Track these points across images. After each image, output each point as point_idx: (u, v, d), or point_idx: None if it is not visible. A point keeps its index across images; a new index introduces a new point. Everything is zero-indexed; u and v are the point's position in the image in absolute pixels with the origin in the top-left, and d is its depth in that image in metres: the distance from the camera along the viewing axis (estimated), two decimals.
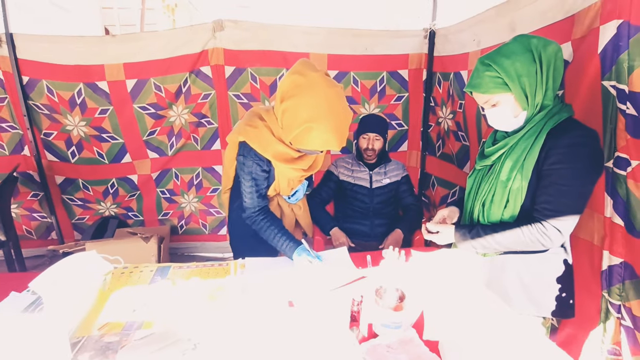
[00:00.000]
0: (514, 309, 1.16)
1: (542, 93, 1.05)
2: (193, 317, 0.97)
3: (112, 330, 0.92)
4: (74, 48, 2.17)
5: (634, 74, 1.10)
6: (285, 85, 1.24)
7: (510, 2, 1.60)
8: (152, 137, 2.47)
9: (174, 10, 8.36)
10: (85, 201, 2.61)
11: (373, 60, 2.39)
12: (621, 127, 1.16)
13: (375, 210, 1.96)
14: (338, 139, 1.22)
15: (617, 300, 1.26)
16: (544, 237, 1.05)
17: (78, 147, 2.42)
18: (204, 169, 2.63)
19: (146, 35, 2.34)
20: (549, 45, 1.04)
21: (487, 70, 1.06)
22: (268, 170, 1.39)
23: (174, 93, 2.35)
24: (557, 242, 1.06)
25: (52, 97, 2.25)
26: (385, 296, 0.90)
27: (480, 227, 1.16)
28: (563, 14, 1.36)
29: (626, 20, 1.09)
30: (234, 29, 2.24)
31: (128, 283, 1.15)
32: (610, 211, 1.24)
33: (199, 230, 2.83)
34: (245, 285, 1.13)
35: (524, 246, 1.10)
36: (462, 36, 2.02)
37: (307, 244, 1.33)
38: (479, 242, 1.14)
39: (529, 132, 1.09)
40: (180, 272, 1.22)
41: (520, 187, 1.09)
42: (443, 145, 2.39)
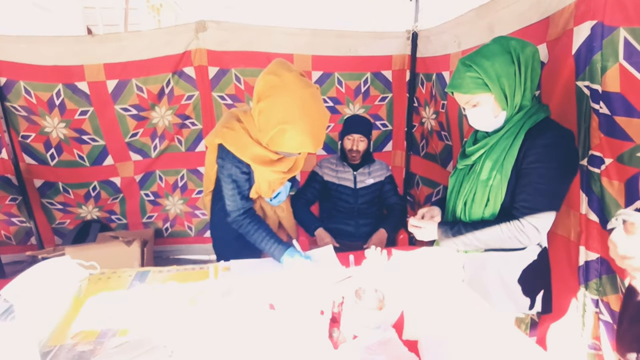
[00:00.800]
0: (494, 307, 1.17)
1: (521, 93, 1.08)
2: (170, 323, 0.96)
3: (86, 339, 0.90)
4: (53, 48, 2.13)
5: (607, 74, 1.12)
6: (260, 85, 1.22)
7: (489, 5, 1.63)
8: (134, 138, 2.43)
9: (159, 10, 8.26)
10: (65, 205, 2.55)
11: (357, 61, 2.40)
12: (595, 126, 1.19)
13: (360, 210, 1.96)
14: (313, 141, 1.20)
15: (594, 295, 1.29)
16: (521, 234, 1.07)
17: (57, 150, 2.36)
18: (188, 170, 2.60)
19: (127, 35, 2.31)
20: (526, 47, 1.07)
21: (467, 71, 1.08)
22: (248, 172, 1.37)
23: (156, 94, 2.32)
24: (534, 239, 1.09)
25: (29, 99, 2.19)
26: (364, 297, 0.90)
27: (462, 224, 1.18)
28: (539, 16, 1.39)
29: (600, 21, 1.12)
30: (216, 30, 2.23)
31: (105, 289, 1.12)
32: (585, 208, 1.26)
33: (185, 233, 2.79)
34: (227, 288, 1.12)
35: (502, 243, 1.12)
36: (444, 38, 2.04)
37: (297, 246, 1.32)
38: (460, 239, 1.16)
39: (508, 132, 1.11)
40: (160, 276, 1.20)
41: (499, 186, 1.11)
42: (427, 145, 2.41)
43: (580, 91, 1.22)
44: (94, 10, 6.77)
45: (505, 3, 1.54)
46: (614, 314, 1.25)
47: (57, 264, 1.01)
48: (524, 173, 1.08)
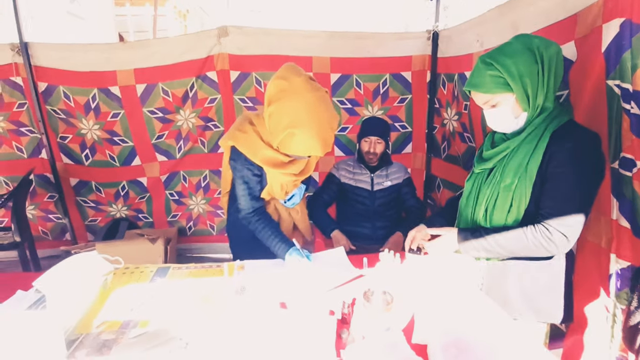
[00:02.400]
0: (512, 315, 1.14)
1: (544, 94, 1.04)
2: (186, 317, 0.99)
3: (110, 329, 0.95)
4: (88, 55, 2.27)
5: (638, 73, 1.06)
6: (270, 89, 1.23)
7: (512, 2, 1.58)
8: (160, 140, 2.53)
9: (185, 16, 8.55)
10: (97, 203, 2.69)
11: (376, 63, 2.40)
12: (626, 127, 1.13)
13: (377, 212, 1.95)
14: (321, 145, 1.21)
15: (624, 305, 1.22)
16: (549, 242, 1.02)
17: (91, 150, 2.51)
18: (211, 171, 2.68)
19: (154, 41, 2.42)
20: (550, 46, 1.03)
21: (488, 69, 1.04)
22: (260, 175, 1.39)
23: (181, 97, 2.41)
24: (562, 248, 1.03)
25: (68, 102, 2.34)
26: (372, 299, 0.90)
27: (483, 229, 1.14)
28: (565, 13, 1.33)
29: (628, 18, 1.06)
30: (238, 35, 2.29)
31: (129, 282, 1.18)
32: (616, 213, 1.20)
33: (207, 232, 2.87)
34: (241, 286, 1.14)
35: (528, 251, 1.07)
36: (465, 37, 2.00)
37: (298, 244, 1.33)
38: (482, 244, 1.11)
39: (530, 135, 1.07)
40: (179, 273, 1.25)
41: (523, 192, 1.07)
42: (449, 147, 2.37)
43: (611, 90, 1.16)
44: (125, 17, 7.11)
45: (529, 1, 1.49)
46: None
47: (86, 259, 1.07)
48: (549, 178, 1.03)
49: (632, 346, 1.13)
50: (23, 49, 2.19)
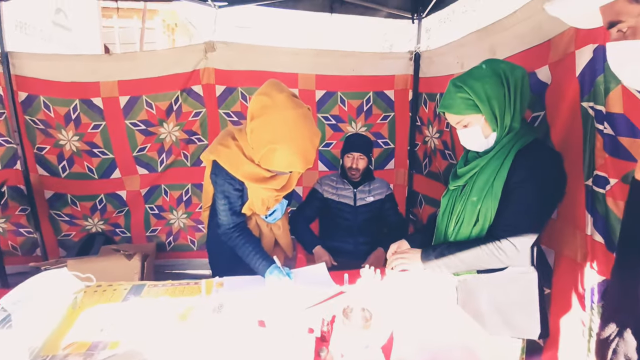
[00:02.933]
0: (487, 330, 1.14)
1: (511, 115, 1.10)
2: (161, 337, 0.95)
3: (78, 350, 0.90)
4: (72, 66, 2.24)
5: (611, 95, 1.12)
6: (253, 105, 1.24)
7: (490, 28, 1.66)
8: (142, 153, 2.48)
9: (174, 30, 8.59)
10: (72, 217, 2.59)
11: (360, 81, 2.45)
12: (599, 146, 1.18)
13: (360, 228, 1.95)
14: (302, 161, 1.21)
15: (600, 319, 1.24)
16: (499, 251, 1.07)
17: (69, 162, 2.43)
18: (193, 185, 2.63)
19: (140, 54, 2.41)
20: (516, 70, 1.09)
21: (458, 92, 1.10)
22: (241, 189, 1.38)
23: (164, 110, 2.39)
24: (512, 257, 1.08)
25: (48, 113, 2.28)
26: (351, 316, 0.88)
27: (445, 246, 1.18)
28: (539, 39, 1.40)
29: (601, 44, 1.13)
30: (224, 50, 2.30)
31: (100, 301, 1.12)
32: (591, 229, 1.23)
33: (187, 247, 2.80)
34: (218, 304, 1.11)
35: (483, 263, 1.12)
36: (446, 59, 2.07)
37: (278, 262, 1.31)
38: (443, 261, 1.16)
39: (498, 153, 1.12)
40: (155, 291, 1.20)
41: (489, 207, 1.12)
42: (430, 163, 2.41)
43: (585, 112, 1.22)
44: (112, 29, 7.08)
45: (505, 25, 1.57)
46: None
47: (55, 276, 1.02)
48: (509, 192, 1.09)
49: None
50: (4, 59, 2.13)
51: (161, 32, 8.20)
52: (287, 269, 1.29)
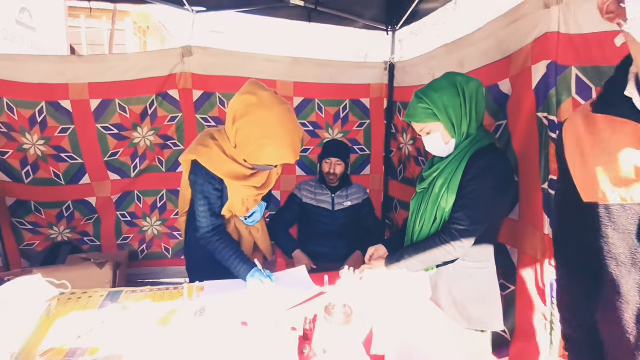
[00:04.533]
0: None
1: (467, 123, 1.21)
2: (142, 342, 0.94)
3: (55, 357, 0.87)
4: (38, 66, 2.14)
5: (562, 107, 1.25)
6: (237, 105, 1.27)
7: (457, 42, 1.78)
8: (114, 158, 2.41)
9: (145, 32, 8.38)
10: (36, 225, 2.45)
11: (337, 89, 2.52)
12: (552, 152, 1.30)
13: (338, 232, 1.99)
14: (292, 153, 1.26)
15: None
16: (447, 245, 1.17)
17: (34, 167, 2.31)
18: (168, 191, 2.58)
19: (113, 57, 2.34)
20: (471, 82, 1.20)
21: (419, 102, 1.21)
22: (221, 190, 1.39)
23: (139, 114, 2.34)
24: (459, 248, 1.18)
25: (11, 115, 2.17)
26: (333, 312, 0.92)
27: (404, 251, 1.27)
28: (501, 54, 1.53)
29: (554, 60, 1.25)
30: (202, 55, 2.30)
31: (75, 309, 1.09)
32: (548, 228, 1.35)
33: (161, 255, 2.73)
34: (200, 307, 1.11)
35: (436, 259, 1.22)
36: (418, 69, 2.19)
37: (259, 265, 1.33)
38: (405, 265, 1.25)
39: (456, 156, 1.23)
40: (133, 296, 1.18)
41: (446, 204, 1.22)
42: (404, 169, 2.51)
43: (540, 122, 1.34)
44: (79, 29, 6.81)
45: (471, 41, 1.69)
46: None
47: (28, 283, 0.98)
48: (461, 189, 1.19)
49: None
50: None
51: (131, 34, 7.97)
52: (268, 272, 1.31)
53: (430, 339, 1.00)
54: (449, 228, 1.19)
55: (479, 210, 1.17)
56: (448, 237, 1.17)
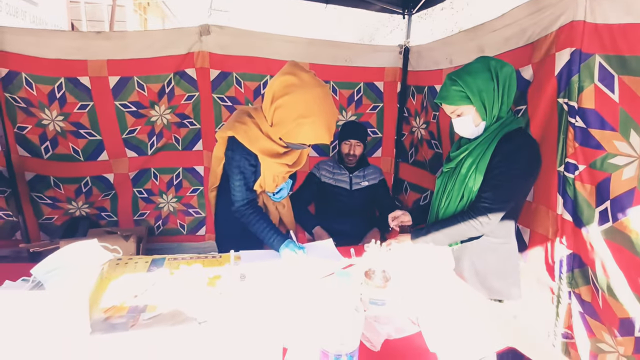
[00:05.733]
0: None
1: (499, 106, 1.26)
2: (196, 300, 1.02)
3: (117, 313, 0.95)
4: (57, 42, 2.14)
5: (583, 93, 1.31)
6: (277, 84, 1.32)
7: (477, 29, 1.81)
8: (131, 135, 2.44)
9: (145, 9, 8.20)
10: (55, 200, 2.50)
11: (352, 72, 2.55)
12: (571, 137, 1.37)
13: (355, 210, 2.07)
14: (328, 133, 1.33)
15: (568, 288, 1.46)
16: (475, 221, 1.25)
17: (52, 143, 2.34)
18: (184, 169, 2.63)
19: (132, 34, 2.36)
20: (505, 67, 1.25)
21: (453, 85, 1.26)
22: (255, 165, 1.45)
23: (156, 92, 2.36)
24: (486, 225, 1.25)
25: (30, 91, 2.18)
26: (373, 277, 1.01)
27: (431, 226, 1.35)
28: (524, 41, 1.58)
29: (578, 48, 1.31)
30: (219, 34, 2.31)
31: (126, 272, 1.17)
32: (561, 209, 1.44)
33: (177, 231, 2.80)
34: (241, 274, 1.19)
35: (463, 233, 1.29)
36: (434, 54, 2.22)
37: (294, 236, 1.40)
38: (432, 238, 1.33)
39: (485, 138, 1.29)
40: (175, 263, 1.26)
41: (473, 184, 1.28)
42: (416, 152, 2.58)
43: (560, 107, 1.40)
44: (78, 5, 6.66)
45: (492, 27, 1.73)
46: (585, 304, 1.42)
47: (84, 247, 1.05)
48: (490, 170, 1.25)
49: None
50: None
51: (132, 10, 7.80)
52: (300, 244, 1.39)
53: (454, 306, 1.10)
54: (477, 206, 1.25)
55: (507, 190, 1.24)
56: (476, 214, 1.24)
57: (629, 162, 1.18)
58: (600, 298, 1.31)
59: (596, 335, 1.38)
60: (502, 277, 1.37)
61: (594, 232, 1.30)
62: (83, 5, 7.07)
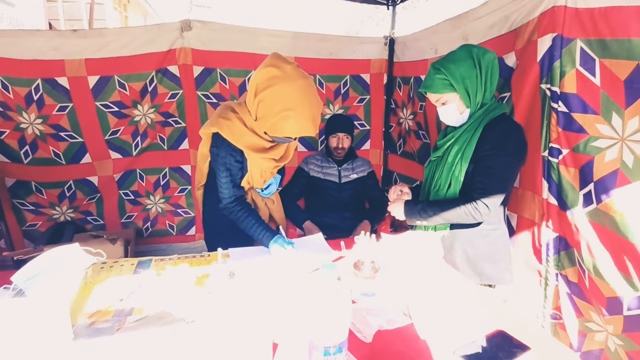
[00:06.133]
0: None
1: (482, 93, 1.26)
2: (183, 300, 1.00)
3: (102, 318, 0.93)
4: (31, 42, 2.06)
5: (565, 78, 1.32)
6: (259, 77, 1.29)
7: (462, 17, 1.81)
8: (115, 136, 2.38)
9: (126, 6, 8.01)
10: (37, 206, 2.44)
11: (337, 64, 2.53)
12: (554, 122, 1.39)
13: (344, 203, 2.07)
14: (313, 125, 1.31)
15: (555, 270, 1.48)
16: (475, 211, 1.25)
17: (32, 147, 2.27)
18: (171, 169, 2.59)
19: (110, 31, 2.28)
20: (487, 54, 1.25)
21: (437, 73, 1.26)
22: (241, 161, 1.43)
23: (139, 91, 2.30)
24: (485, 215, 1.26)
25: (6, 94, 2.10)
26: (362, 268, 1.00)
27: (426, 203, 1.34)
28: (507, 28, 1.58)
29: (559, 33, 1.31)
30: (201, 30, 2.26)
31: (111, 275, 1.14)
32: (546, 193, 1.45)
33: (166, 232, 2.76)
34: (230, 271, 1.17)
35: (459, 219, 1.29)
36: (420, 44, 2.22)
37: (283, 231, 1.39)
38: (424, 216, 1.32)
39: (470, 125, 1.29)
40: (162, 264, 1.24)
41: (460, 171, 1.29)
42: (404, 143, 2.58)
43: (543, 93, 1.41)
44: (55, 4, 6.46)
45: (476, 15, 1.73)
46: (571, 284, 1.44)
47: (66, 252, 1.02)
48: (480, 159, 1.26)
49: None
50: None
51: (111, 8, 7.61)
52: (289, 239, 1.38)
53: (444, 293, 1.10)
54: (476, 197, 1.24)
55: (501, 178, 1.24)
56: (475, 203, 1.23)
57: (611, 145, 1.20)
58: (587, 278, 1.33)
59: (584, 315, 1.41)
60: (493, 262, 1.38)
61: (578, 215, 1.32)
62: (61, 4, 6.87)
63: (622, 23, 1.11)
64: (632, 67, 1.10)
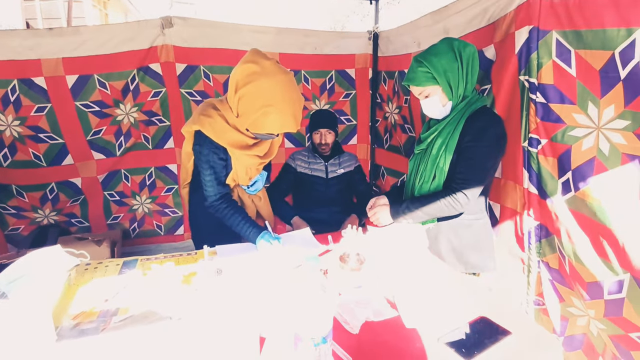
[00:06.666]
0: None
1: (464, 86, 1.28)
2: (170, 299, 1.00)
3: (87, 319, 0.92)
4: (6, 42, 2.00)
5: (542, 70, 1.35)
6: (239, 73, 1.28)
7: (442, 10, 1.83)
8: (97, 136, 2.34)
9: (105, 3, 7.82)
10: (19, 209, 2.38)
11: (322, 60, 2.53)
12: (532, 113, 1.42)
13: (332, 198, 2.08)
14: (295, 121, 1.30)
15: (537, 257, 1.52)
16: (455, 201, 1.27)
17: (11, 149, 2.21)
18: (156, 168, 2.55)
19: (87, 29, 2.22)
20: (467, 47, 1.27)
21: (419, 66, 1.28)
22: (225, 159, 1.42)
23: (120, 90, 2.26)
24: (465, 204, 1.28)
25: None
26: (348, 260, 1.01)
27: (409, 202, 1.36)
28: (486, 22, 1.60)
29: (535, 25, 1.34)
30: (183, 26, 2.22)
31: (95, 276, 1.13)
32: (527, 183, 1.49)
33: (154, 232, 2.73)
34: (217, 269, 1.17)
35: (442, 212, 1.31)
36: (403, 39, 2.23)
37: (270, 227, 1.39)
38: (409, 215, 1.34)
39: (453, 118, 1.31)
40: (149, 263, 1.23)
41: (444, 163, 1.31)
42: (390, 137, 2.60)
43: (522, 84, 1.44)
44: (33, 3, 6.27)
45: (456, 9, 1.75)
46: (552, 271, 1.48)
47: (48, 254, 1.00)
48: (462, 150, 1.28)
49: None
50: None
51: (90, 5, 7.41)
52: (275, 234, 1.38)
53: (429, 283, 1.12)
54: (453, 187, 1.27)
55: (480, 168, 1.27)
56: (456, 195, 1.26)
57: (587, 133, 1.23)
58: (567, 264, 1.37)
59: (565, 301, 1.45)
60: (477, 251, 1.41)
61: (558, 203, 1.36)
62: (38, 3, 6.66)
63: (596, 14, 1.14)
64: (606, 57, 1.13)
